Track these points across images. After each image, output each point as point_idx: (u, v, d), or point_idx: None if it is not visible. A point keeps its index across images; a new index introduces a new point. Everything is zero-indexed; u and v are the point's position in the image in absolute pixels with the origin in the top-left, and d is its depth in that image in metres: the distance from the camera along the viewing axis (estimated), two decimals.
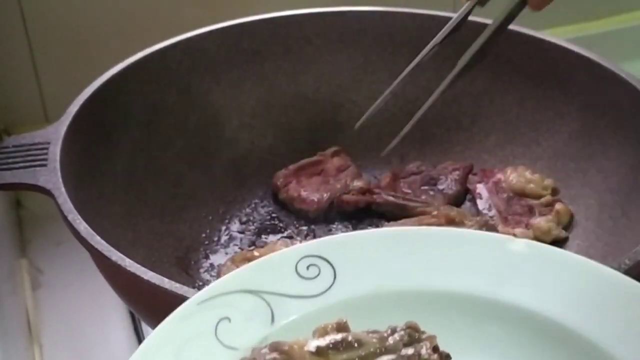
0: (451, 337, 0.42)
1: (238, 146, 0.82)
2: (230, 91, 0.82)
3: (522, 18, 0.66)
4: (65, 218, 0.59)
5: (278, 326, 0.44)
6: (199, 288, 0.69)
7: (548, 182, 0.77)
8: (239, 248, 0.75)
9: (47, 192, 0.61)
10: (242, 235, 0.77)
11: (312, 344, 0.41)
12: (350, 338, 0.41)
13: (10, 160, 0.64)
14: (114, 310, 0.65)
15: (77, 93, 0.70)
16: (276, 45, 0.83)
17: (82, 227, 0.57)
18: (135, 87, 0.75)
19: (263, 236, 0.77)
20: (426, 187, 0.80)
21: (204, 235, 0.76)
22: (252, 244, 0.76)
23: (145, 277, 0.54)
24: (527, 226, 0.73)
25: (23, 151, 0.65)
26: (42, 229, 0.84)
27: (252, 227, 0.77)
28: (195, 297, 0.45)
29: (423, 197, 0.78)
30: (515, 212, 0.76)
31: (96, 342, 0.73)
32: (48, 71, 0.91)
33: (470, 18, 0.69)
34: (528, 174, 0.77)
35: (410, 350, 0.41)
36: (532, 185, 0.76)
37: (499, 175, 0.78)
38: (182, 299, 0.52)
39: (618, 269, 0.53)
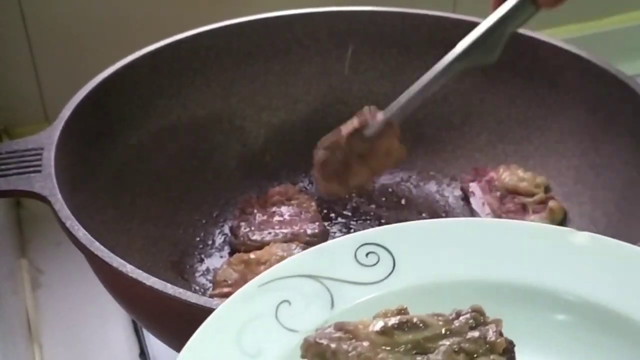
0: (512, 327, 0.42)
1: (230, 148, 0.82)
2: (221, 93, 0.81)
3: None
4: (63, 225, 0.58)
5: (338, 311, 0.45)
6: (196, 292, 0.69)
7: (540, 179, 0.77)
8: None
9: (42, 199, 0.61)
10: None
11: (378, 324, 0.41)
12: (415, 319, 0.41)
13: (4, 167, 0.63)
14: (113, 310, 0.65)
15: (76, 93, 0.70)
16: (266, 46, 0.82)
17: (81, 233, 0.57)
18: (127, 90, 0.75)
19: None
20: None
21: (198, 239, 0.76)
22: None
23: (148, 283, 0.53)
24: None
25: (17, 157, 0.64)
26: (42, 229, 0.83)
27: None
28: (256, 280, 0.46)
29: None
30: (509, 210, 0.76)
31: (96, 342, 0.73)
32: (48, 71, 0.91)
33: (468, 18, 0.69)
34: (520, 172, 0.78)
35: (476, 333, 0.41)
36: (524, 183, 0.77)
37: (492, 174, 0.79)
38: (184, 304, 0.52)
39: None
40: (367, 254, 0.47)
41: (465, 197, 0.80)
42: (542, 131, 0.80)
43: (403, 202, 0.81)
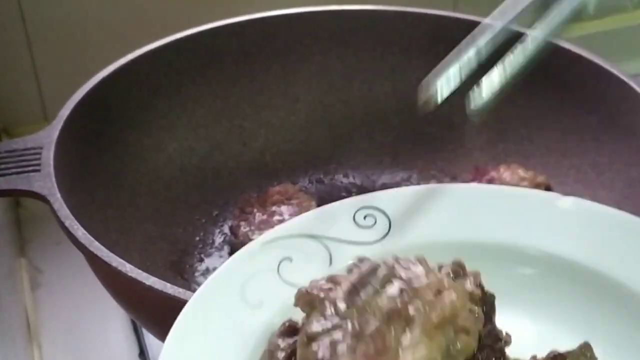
0: (497, 283, 0.45)
1: (229, 148, 0.81)
2: (221, 92, 0.81)
3: None
4: (62, 224, 0.58)
5: (335, 268, 0.47)
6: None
7: (541, 179, 0.77)
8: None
9: (42, 198, 0.61)
10: None
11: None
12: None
13: (3, 166, 0.63)
14: (113, 309, 0.65)
15: (76, 93, 0.70)
16: (266, 46, 0.82)
17: (80, 232, 0.57)
18: (126, 89, 0.74)
19: None
20: None
21: (197, 238, 0.76)
22: None
23: (147, 283, 0.53)
24: None
25: (16, 156, 0.64)
26: (42, 229, 0.83)
27: None
28: (260, 239, 0.49)
29: None
30: None
31: (95, 342, 0.73)
32: (47, 71, 0.91)
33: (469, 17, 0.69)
34: (521, 172, 0.77)
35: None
36: (525, 183, 0.76)
37: (493, 173, 0.78)
38: (184, 304, 0.52)
39: None
40: (365, 217, 0.51)
41: None
42: (542, 130, 0.79)
43: None
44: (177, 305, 0.52)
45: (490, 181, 0.78)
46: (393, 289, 0.41)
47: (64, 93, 0.70)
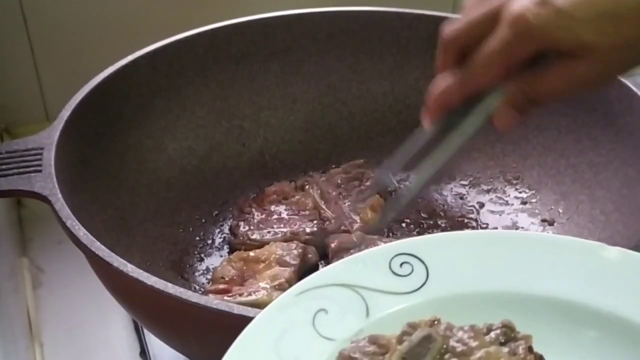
0: (542, 340, 0.42)
1: (229, 148, 0.82)
2: (220, 93, 0.81)
3: None
4: (63, 224, 0.58)
5: (373, 320, 0.45)
6: (195, 292, 0.69)
7: None
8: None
9: (43, 199, 0.61)
10: None
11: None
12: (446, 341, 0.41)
13: (4, 167, 0.63)
14: (114, 309, 0.65)
15: (76, 93, 0.70)
16: (265, 47, 0.82)
17: (82, 233, 0.57)
18: (126, 90, 0.75)
19: None
20: None
21: (197, 238, 0.76)
22: None
23: (148, 283, 0.53)
24: None
25: (17, 157, 0.64)
26: (43, 228, 0.84)
27: None
28: (293, 289, 0.46)
29: None
30: None
31: (97, 341, 0.73)
32: (49, 71, 0.91)
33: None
34: None
35: (505, 349, 0.41)
36: None
37: None
38: (184, 304, 0.52)
39: None
40: (401, 264, 0.48)
41: None
42: (540, 130, 0.80)
43: None
44: (178, 305, 0.53)
45: None
46: None
47: (65, 93, 0.70)
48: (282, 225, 0.75)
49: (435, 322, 0.43)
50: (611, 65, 0.51)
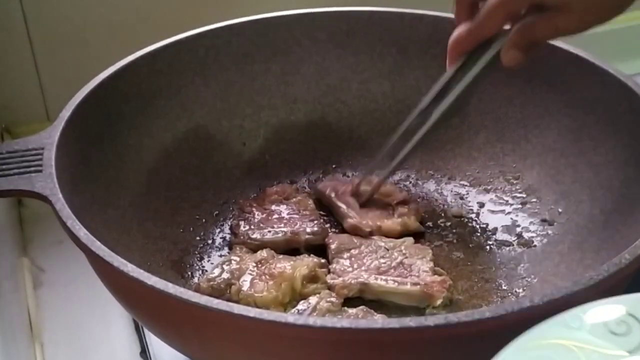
0: None
1: (229, 148, 0.82)
2: (220, 93, 0.82)
3: None
4: (64, 224, 0.58)
5: None
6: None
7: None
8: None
9: (43, 199, 0.61)
10: None
11: None
12: None
13: (4, 167, 0.63)
14: (115, 308, 0.65)
15: (77, 93, 0.70)
16: (265, 47, 0.83)
17: (82, 233, 0.57)
18: (126, 90, 0.75)
19: None
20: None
21: (198, 238, 0.76)
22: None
23: (149, 283, 0.53)
24: None
25: (17, 157, 0.64)
26: (44, 228, 0.84)
27: None
28: (513, 347, 0.46)
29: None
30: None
31: (97, 341, 0.73)
32: (49, 71, 0.91)
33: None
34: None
35: None
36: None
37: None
38: (185, 304, 0.52)
39: (619, 264, 0.54)
40: (618, 322, 0.47)
41: None
42: (540, 130, 0.80)
43: None
44: (178, 305, 0.53)
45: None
46: None
47: (66, 92, 0.70)
48: (282, 225, 0.75)
49: None
50: (586, 18, 0.61)
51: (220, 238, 0.77)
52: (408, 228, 0.76)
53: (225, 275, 0.69)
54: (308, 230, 0.75)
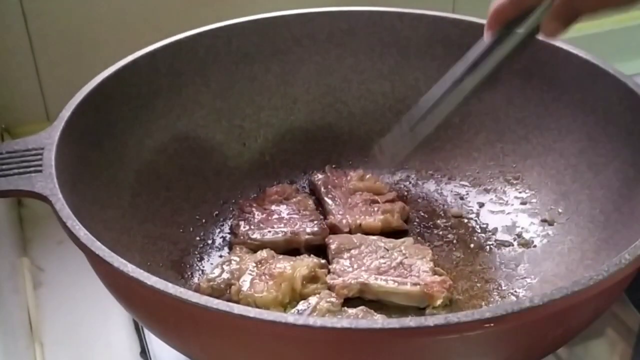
0: None
1: (229, 148, 0.82)
2: (221, 93, 0.82)
3: None
4: (64, 224, 0.58)
5: None
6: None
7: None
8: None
9: (43, 199, 0.61)
10: None
11: None
12: None
13: (4, 167, 0.63)
14: (114, 308, 0.65)
15: (76, 94, 0.70)
16: (265, 47, 0.83)
17: (82, 233, 0.57)
18: (126, 90, 0.75)
19: None
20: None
21: (198, 238, 0.76)
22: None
23: (149, 283, 0.53)
24: None
25: (17, 157, 0.64)
26: (43, 228, 0.84)
27: None
28: None
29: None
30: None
31: (97, 341, 0.73)
32: (49, 71, 0.91)
33: (467, 18, 0.69)
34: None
35: None
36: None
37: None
38: (185, 304, 0.52)
39: (619, 264, 0.54)
40: None
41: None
42: (540, 130, 0.80)
43: None
44: (178, 305, 0.53)
45: None
46: None
47: (66, 93, 0.70)
48: (282, 225, 0.75)
49: None
50: None
51: (220, 238, 0.77)
52: (390, 225, 0.77)
53: (225, 276, 0.69)
54: (308, 230, 0.75)
